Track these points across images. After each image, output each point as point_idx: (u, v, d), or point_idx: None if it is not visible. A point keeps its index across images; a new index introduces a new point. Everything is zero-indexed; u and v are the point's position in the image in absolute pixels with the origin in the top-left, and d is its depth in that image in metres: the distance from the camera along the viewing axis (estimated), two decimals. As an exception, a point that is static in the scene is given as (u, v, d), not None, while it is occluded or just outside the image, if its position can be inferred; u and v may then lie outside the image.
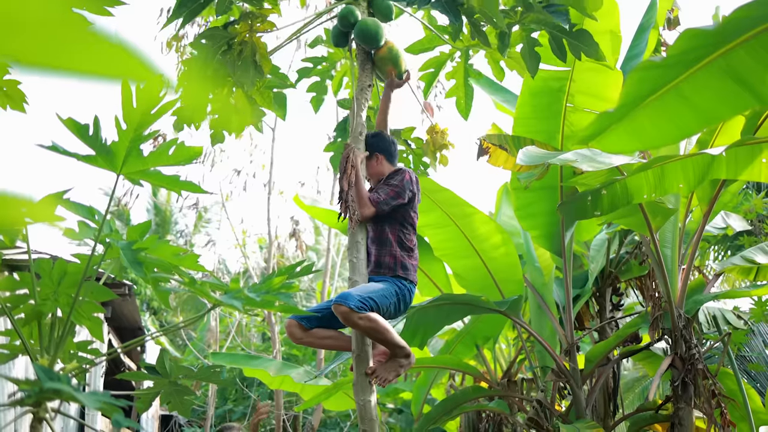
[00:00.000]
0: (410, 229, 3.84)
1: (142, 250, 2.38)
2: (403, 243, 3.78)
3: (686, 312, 5.27)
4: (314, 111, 5.12)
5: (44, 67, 0.63)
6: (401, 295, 3.69)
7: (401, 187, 3.80)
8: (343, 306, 3.43)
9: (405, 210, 3.83)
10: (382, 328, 3.51)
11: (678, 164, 3.80)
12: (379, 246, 3.78)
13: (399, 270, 3.70)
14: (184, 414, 2.84)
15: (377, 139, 4.08)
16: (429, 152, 4.92)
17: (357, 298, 3.45)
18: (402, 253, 3.75)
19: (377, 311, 3.52)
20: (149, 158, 2.27)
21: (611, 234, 6.58)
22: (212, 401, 14.29)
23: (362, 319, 3.44)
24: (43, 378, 1.70)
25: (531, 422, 5.49)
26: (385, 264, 3.73)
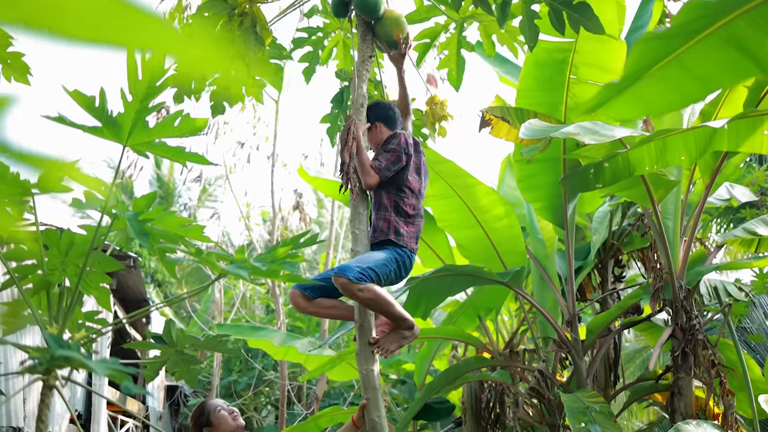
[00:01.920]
0: (407, 192, 3.81)
1: (148, 221, 2.41)
2: (399, 208, 3.76)
3: (687, 283, 5.30)
4: (306, 82, 5.11)
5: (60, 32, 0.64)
6: (401, 261, 3.68)
7: (399, 150, 3.80)
8: (343, 278, 3.45)
9: (402, 173, 3.82)
10: (383, 301, 3.52)
11: (680, 137, 3.81)
12: (377, 211, 3.79)
13: (392, 234, 3.68)
14: (191, 383, 2.88)
15: (376, 108, 4.08)
16: (428, 124, 4.92)
17: (357, 270, 3.46)
18: (396, 218, 3.73)
19: (377, 281, 3.53)
20: (155, 130, 2.29)
21: (614, 206, 6.60)
22: (217, 372, 14.43)
23: (362, 291, 3.45)
24: (54, 345, 1.73)
25: (532, 392, 5.55)
26: (379, 228, 3.73)
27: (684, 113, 5.85)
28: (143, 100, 2.23)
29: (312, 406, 12.12)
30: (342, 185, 3.94)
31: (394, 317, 3.61)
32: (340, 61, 4.97)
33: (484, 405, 7.35)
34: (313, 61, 5.01)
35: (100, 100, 2.17)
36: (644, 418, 11.01)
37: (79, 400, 10.43)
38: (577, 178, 4.48)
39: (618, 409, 6.08)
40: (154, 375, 2.87)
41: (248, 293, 18.79)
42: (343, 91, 4.86)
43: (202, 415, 3.75)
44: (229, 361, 18.01)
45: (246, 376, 17.32)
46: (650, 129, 5.58)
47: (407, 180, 3.82)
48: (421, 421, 7.68)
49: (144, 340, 12.47)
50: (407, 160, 3.81)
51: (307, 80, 5.06)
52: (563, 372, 6.41)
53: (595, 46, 5.21)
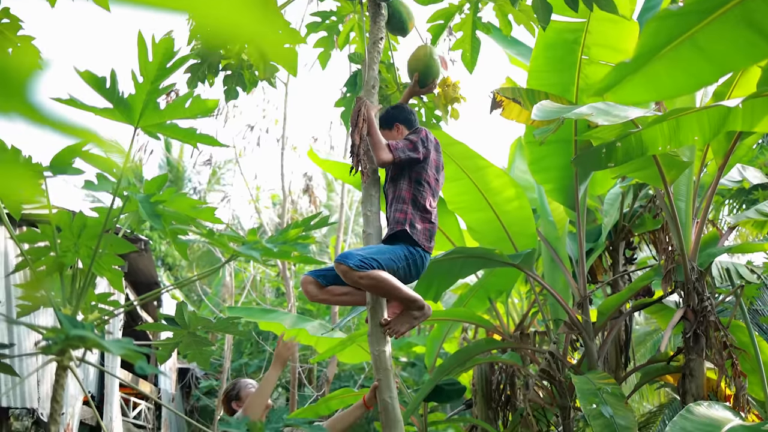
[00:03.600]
0: (426, 186, 3.80)
1: (160, 203, 2.41)
2: (417, 201, 3.74)
3: (699, 265, 5.28)
4: (322, 67, 5.09)
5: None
6: (411, 260, 3.64)
7: (417, 141, 3.80)
8: (343, 265, 3.45)
9: (421, 168, 3.80)
10: (388, 285, 3.51)
11: (693, 116, 3.78)
12: (394, 203, 3.77)
13: (407, 226, 3.66)
14: (203, 364, 2.89)
15: (397, 111, 4.09)
16: (440, 105, 4.89)
17: (358, 257, 3.46)
18: (413, 212, 3.72)
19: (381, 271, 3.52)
20: (166, 111, 2.28)
21: (625, 188, 6.57)
22: (228, 355, 14.51)
23: (363, 278, 3.45)
24: (68, 326, 1.74)
25: (543, 374, 5.55)
26: (395, 219, 3.71)
27: (696, 94, 5.80)
28: (154, 81, 2.22)
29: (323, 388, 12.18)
30: (353, 167, 3.93)
31: (403, 300, 3.60)
32: (357, 45, 4.94)
33: (494, 387, 7.36)
34: (328, 46, 4.99)
35: (111, 81, 2.16)
36: (655, 401, 11.02)
37: (92, 382, 10.52)
38: (589, 157, 4.45)
39: (629, 391, 6.07)
40: (167, 356, 2.89)
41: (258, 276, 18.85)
42: (357, 74, 4.84)
43: (233, 389, 4.00)
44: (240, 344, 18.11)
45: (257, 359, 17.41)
46: (663, 109, 5.53)
47: (426, 174, 3.81)
48: (432, 402, 7.70)
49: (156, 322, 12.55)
50: (425, 154, 3.79)
51: (323, 65, 5.05)
52: (574, 354, 6.41)
53: (607, 26, 5.17)
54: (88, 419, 10.36)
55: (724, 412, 4.13)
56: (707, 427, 3.90)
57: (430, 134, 3.90)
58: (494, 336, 7.22)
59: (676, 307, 5.82)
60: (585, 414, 4.30)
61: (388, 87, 4.94)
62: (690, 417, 4.01)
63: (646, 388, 10.73)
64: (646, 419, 8.68)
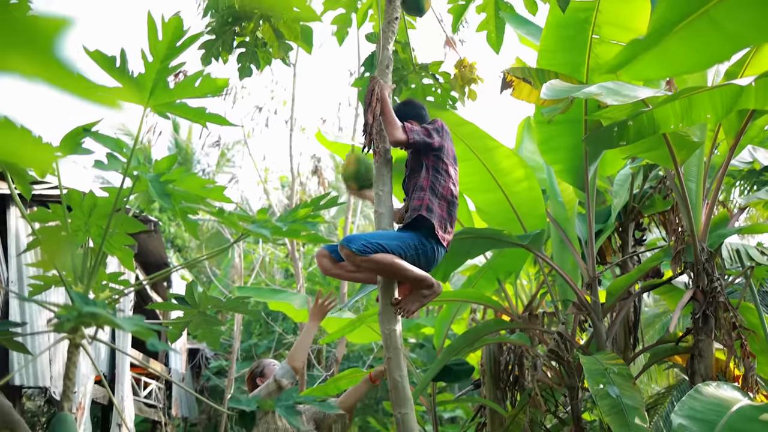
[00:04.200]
0: (444, 175, 3.80)
1: (169, 182, 2.42)
2: (435, 188, 3.74)
3: (709, 246, 5.27)
4: (339, 43, 5.09)
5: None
6: (422, 250, 3.63)
7: (430, 128, 3.80)
8: (346, 249, 3.47)
9: (437, 157, 3.80)
10: (393, 267, 3.52)
11: (706, 94, 3.74)
12: (413, 192, 3.77)
13: (423, 210, 3.65)
14: (213, 344, 2.91)
15: (407, 107, 4.09)
16: (457, 87, 4.88)
17: (361, 241, 3.47)
18: (431, 197, 3.71)
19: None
20: (175, 90, 2.28)
21: (635, 169, 6.54)
22: (238, 335, 14.59)
23: (365, 262, 3.46)
24: (80, 303, 1.75)
25: (551, 354, 5.55)
26: (413, 207, 3.71)
27: (708, 75, 5.76)
28: (164, 60, 2.22)
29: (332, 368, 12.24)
30: (364, 146, 3.93)
31: (411, 280, 3.61)
32: (375, 23, 4.93)
33: (503, 367, 7.38)
34: (345, 23, 4.98)
35: (121, 60, 2.16)
36: (663, 382, 11.03)
37: (103, 361, 10.60)
38: (600, 136, 4.43)
39: (637, 372, 6.07)
40: (178, 336, 2.91)
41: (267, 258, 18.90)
42: (374, 55, 4.83)
43: (258, 368, 4.24)
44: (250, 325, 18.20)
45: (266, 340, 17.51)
46: (673, 90, 5.49)
47: (444, 163, 3.81)
48: (441, 382, 7.74)
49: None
50: (440, 143, 3.79)
51: (340, 42, 5.04)
52: (582, 335, 6.42)
53: (619, 5, 5.12)
54: (100, 398, 10.46)
55: (732, 393, 4.13)
56: (716, 407, 3.90)
57: (445, 125, 3.90)
58: (503, 317, 7.23)
59: (685, 288, 5.80)
60: (592, 394, 4.31)
61: (404, 67, 4.93)
62: (698, 397, 4.01)
63: (655, 369, 10.74)
64: (654, 400, 8.69)
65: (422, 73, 4.86)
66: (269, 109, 14.22)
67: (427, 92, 4.89)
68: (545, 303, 7.53)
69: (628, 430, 3.95)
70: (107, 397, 10.68)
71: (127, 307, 10.65)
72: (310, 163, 15.30)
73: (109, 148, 2.40)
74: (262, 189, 15.70)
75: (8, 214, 7.03)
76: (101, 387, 10.40)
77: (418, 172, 3.80)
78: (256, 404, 2.35)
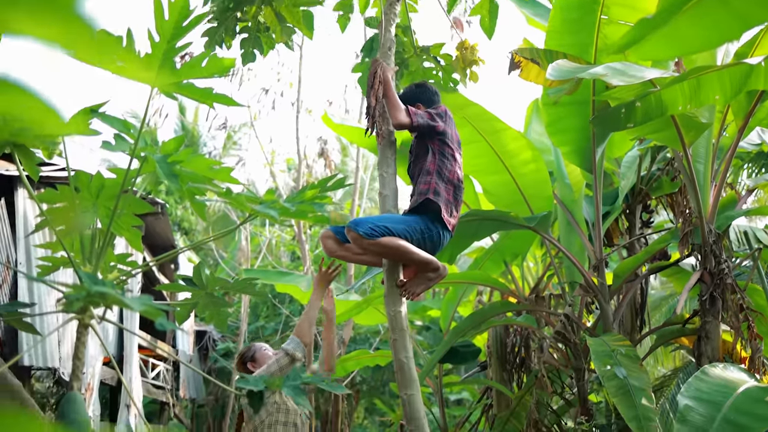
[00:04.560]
0: (450, 160, 3.78)
1: (177, 163, 2.42)
2: (442, 173, 3.73)
3: (717, 228, 5.25)
4: (341, 30, 5.06)
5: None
6: (428, 234, 3.62)
7: (434, 113, 3.78)
8: (353, 232, 3.47)
9: (442, 141, 3.79)
10: (400, 251, 3.51)
11: (714, 75, 3.72)
12: (419, 176, 3.76)
13: (431, 194, 3.65)
14: (221, 325, 2.91)
15: (421, 90, 4.06)
16: (459, 68, 4.86)
17: (368, 225, 3.47)
18: (438, 181, 3.69)
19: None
20: (182, 70, 2.27)
21: (643, 150, 6.51)
22: (245, 317, 14.65)
23: (372, 245, 3.46)
24: (89, 283, 1.76)
25: (558, 336, 5.56)
26: (419, 191, 3.70)
27: (717, 55, 5.71)
28: (170, 40, 2.21)
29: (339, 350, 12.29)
30: (367, 129, 3.93)
31: (417, 263, 3.61)
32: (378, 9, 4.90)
33: (509, 349, 7.41)
34: (347, 9, 4.95)
35: (128, 40, 2.15)
36: (669, 364, 11.04)
37: (111, 343, 10.67)
38: (607, 117, 4.41)
39: (644, 354, 6.08)
40: (186, 317, 2.91)
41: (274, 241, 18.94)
42: (374, 39, 4.81)
43: (249, 352, 4.18)
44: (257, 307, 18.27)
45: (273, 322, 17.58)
46: (681, 71, 5.46)
47: (450, 147, 3.80)
48: (447, 364, 7.77)
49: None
50: (443, 127, 3.77)
51: (342, 29, 5.01)
52: (589, 317, 6.42)
53: (627, -16, 5.08)
54: (108, 379, 10.53)
55: (739, 374, 4.14)
56: (722, 388, 3.91)
57: (448, 111, 3.89)
58: (509, 299, 7.24)
59: (692, 270, 5.80)
60: (599, 375, 4.32)
61: (405, 50, 4.90)
62: (705, 378, 4.02)
63: (661, 352, 10.74)
64: (660, 382, 8.70)
65: (423, 56, 4.84)
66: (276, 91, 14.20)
67: (428, 75, 4.87)
68: (552, 285, 7.54)
69: (634, 410, 3.96)
70: (115, 378, 10.75)
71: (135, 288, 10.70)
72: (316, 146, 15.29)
73: (117, 129, 2.40)
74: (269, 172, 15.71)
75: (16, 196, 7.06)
76: (109, 368, 10.48)
77: (424, 157, 3.79)
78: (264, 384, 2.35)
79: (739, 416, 3.64)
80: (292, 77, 14.00)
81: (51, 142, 2.39)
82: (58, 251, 2.76)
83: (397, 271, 3.68)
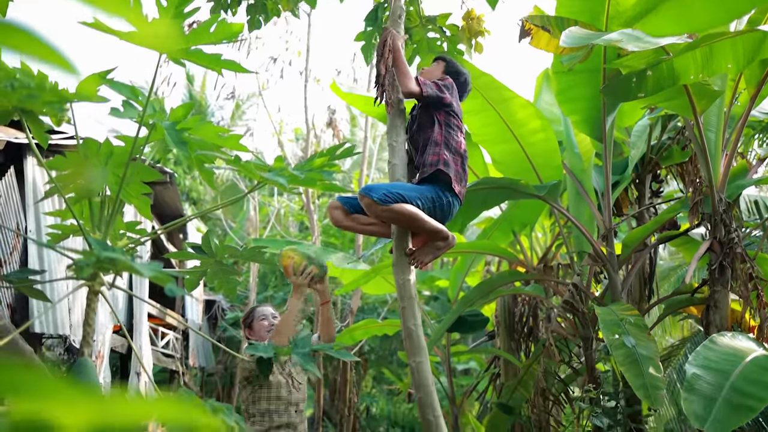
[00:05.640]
0: (456, 130, 3.78)
1: (185, 130, 2.41)
2: (450, 144, 3.73)
3: (727, 197, 5.22)
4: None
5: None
6: (438, 203, 3.63)
7: (443, 85, 3.77)
8: (367, 198, 3.47)
9: (448, 113, 3.78)
10: (411, 218, 3.51)
11: (727, 43, 3.67)
12: (426, 147, 3.74)
13: (441, 165, 3.65)
14: (230, 293, 2.92)
15: (454, 63, 4.06)
16: (464, 39, 4.81)
17: (382, 191, 3.47)
18: (447, 153, 3.70)
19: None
20: (190, 36, 2.25)
21: (653, 119, 6.46)
22: (254, 287, 14.72)
23: (386, 212, 3.46)
24: (98, 249, 1.76)
25: (566, 305, 5.57)
26: (429, 163, 3.69)
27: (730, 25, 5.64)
28: (178, 5, 2.19)
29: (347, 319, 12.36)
30: (376, 98, 3.91)
31: (427, 231, 3.61)
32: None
33: (517, 318, 7.43)
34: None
35: (135, 4, 2.13)
36: (678, 334, 11.06)
37: (120, 311, 10.75)
38: (618, 86, 4.36)
39: (652, 323, 6.09)
40: (195, 285, 2.92)
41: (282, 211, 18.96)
42: (378, 8, 4.77)
43: (249, 317, 4.16)
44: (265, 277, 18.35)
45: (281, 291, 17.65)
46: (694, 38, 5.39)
47: (456, 119, 3.80)
48: (455, 333, 7.80)
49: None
50: (450, 100, 3.76)
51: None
52: (597, 287, 6.42)
53: (640, -50, 5.00)
54: (119, 347, 10.63)
55: (747, 343, 4.14)
56: (730, 357, 3.91)
57: (454, 84, 3.87)
58: (518, 268, 7.24)
59: (701, 240, 5.78)
60: (607, 344, 4.33)
61: (411, 20, 4.86)
62: (713, 347, 4.02)
63: (669, 321, 10.76)
64: (668, 352, 8.73)
65: (428, 26, 4.79)
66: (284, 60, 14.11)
67: (432, 46, 4.83)
68: (560, 255, 7.54)
69: (642, 379, 3.97)
70: (125, 346, 10.85)
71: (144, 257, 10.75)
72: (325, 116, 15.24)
73: (125, 96, 2.39)
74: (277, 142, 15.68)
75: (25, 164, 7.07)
76: (119, 336, 10.57)
77: (430, 128, 3.77)
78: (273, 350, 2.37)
79: (746, 385, 3.65)
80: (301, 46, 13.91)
81: (60, 109, 2.38)
82: (67, 219, 2.77)
83: (407, 239, 3.68)
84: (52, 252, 7.14)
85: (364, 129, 14.19)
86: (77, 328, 7.60)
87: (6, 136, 6.65)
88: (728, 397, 3.59)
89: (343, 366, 11.23)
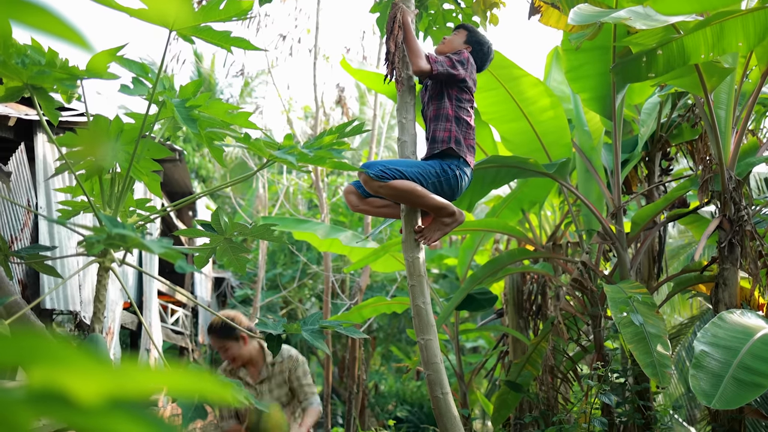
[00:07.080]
0: (466, 105, 3.78)
1: (195, 108, 2.42)
2: (460, 118, 3.72)
3: (737, 174, 5.20)
4: None
5: None
6: (444, 177, 3.62)
7: (456, 60, 3.74)
8: (364, 174, 3.48)
9: (460, 87, 3.77)
10: (412, 194, 3.51)
11: (738, 20, 3.64)
12: (437, 121, 3.74)
13: (452, 143, 3.65)
14: (239, 270, 2.94)
15: (476, 33, 4.01)
16: (479, 11, 4.78)
17: (379, 167, 3.47)
18: (458, 129, 3.70)
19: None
20: (200, 13, 2.25)
21: (663, 97, 6.42)
22: (263, 265, 14.77)
23: (382, 188, 3.47)
24: (109, 225, 1.77)
25: (575, 283, 5.58)
26: (440, 139, 3.69)
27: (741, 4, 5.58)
28: (187, -19, 2.19)
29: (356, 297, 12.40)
30: (386, 75, 3.90)
31: (430, 208, 3.62)
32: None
33: (525, 296, 7.44)
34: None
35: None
36: (686, 313, 11.07)
37: (131, 288, 10.81)
38: (628, 66, 4.34)
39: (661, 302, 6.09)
40: (205, 262, 2.94)
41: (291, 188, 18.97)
42: (391, -21, 4.74)
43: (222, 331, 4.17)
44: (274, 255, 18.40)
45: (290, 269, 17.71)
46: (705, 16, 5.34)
47: (468, 94, 3.79)
48: (463, 311, 7.82)
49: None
50: (463, 75, 3.73)
51: None
52: (606, 265, 6.42)
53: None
54: (129, 324, 10.71)
55: (756, 320, 4.14)
56: (739, 334, 3.92)
57: (472, 59, 3.84)
58: (527, 246, 7.24)
59: (711, 218, 5.76)
60: (615, 322, 4.34)
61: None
62: (722, 324, 4.02)
63: (678, 300, 10.76)
64: (677, 330, 8.74)
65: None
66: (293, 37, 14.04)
67: (448, 18, 4.80)
68: (569, 233, 7.53)
69: (650, 357, 3.98)
70: (135, 323, 10.93)
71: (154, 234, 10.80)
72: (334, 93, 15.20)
73: (135, 73, 2.39)
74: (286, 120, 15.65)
75: (36, 140, 7.09)
76: (130, 313, 10.64)
77: (440, 101, 3.77)
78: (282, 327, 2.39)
79: (755, 362, 3.66)
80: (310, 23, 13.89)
81: (70, 85, 2.39)
82: (78, 195, 2.79)
83: (416, 217, 3.69)
84: (62, 228, 7.18)
85: (374, 107, 14.15)
86: (88, 305, 7.66)
87: (17, 112, 6.66)
88: (736, 375, 3.60)
89: (351, 343, 11.28)
